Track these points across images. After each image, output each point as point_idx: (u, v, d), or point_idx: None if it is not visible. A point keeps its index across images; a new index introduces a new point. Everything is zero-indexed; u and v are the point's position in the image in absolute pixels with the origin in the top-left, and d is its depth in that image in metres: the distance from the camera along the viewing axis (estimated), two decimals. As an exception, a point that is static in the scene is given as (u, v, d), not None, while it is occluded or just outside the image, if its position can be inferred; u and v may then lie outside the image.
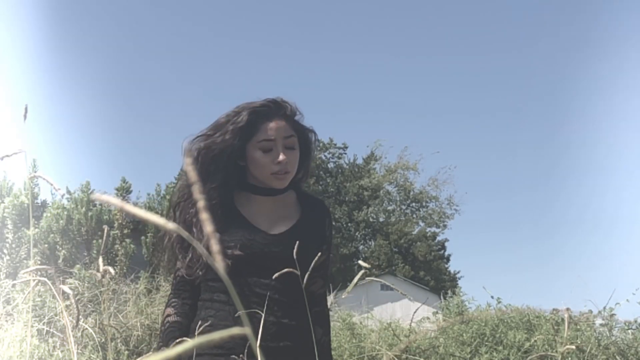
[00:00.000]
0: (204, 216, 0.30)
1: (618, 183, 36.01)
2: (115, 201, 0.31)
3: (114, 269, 5.97)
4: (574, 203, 36.98)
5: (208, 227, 0.29)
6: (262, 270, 1.31)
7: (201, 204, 0.30)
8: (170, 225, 0.30)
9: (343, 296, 1.44)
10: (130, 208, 0.30)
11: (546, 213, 38.68)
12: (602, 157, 35.49)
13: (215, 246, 0.29)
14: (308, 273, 1.23)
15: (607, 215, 33.74)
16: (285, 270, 1.20)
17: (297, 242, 1.28)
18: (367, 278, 1.42)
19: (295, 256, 1.25)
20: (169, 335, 1.36)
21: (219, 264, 0.29)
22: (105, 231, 1.55)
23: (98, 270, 1.14)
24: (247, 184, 1.40)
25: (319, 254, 1.29)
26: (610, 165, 34.37)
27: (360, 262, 1.25)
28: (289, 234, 1.37)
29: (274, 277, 1.18)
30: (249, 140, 1.34)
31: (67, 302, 3.05)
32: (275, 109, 1.36)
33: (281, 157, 1.33)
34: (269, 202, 1.40)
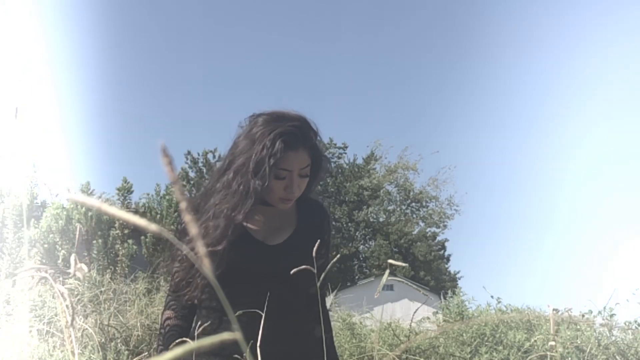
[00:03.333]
0: (188, 218, 0.30)
1: (618, 183, 36.03)
2: (92, 202, 0.31)
3: (116, 269, 5.97)
4: (574, 203, 37.02)
5: (193, 230, 0.29)
6: (258, 281, 1.33)
7: (183, 204, 0.30)
8: (153, 227, 0.30)
9: (375, 296, 1.43)
10: (108, 209, 0.30)
11: (546, 213, 38.70)
12: (602, 158, 35.54)
13: (201, 248, 0.29)
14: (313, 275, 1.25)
15: (607, 215, 33.76)
16: (302, 267, 1.20)
17: (296, 253, 1.32)
18: (372, 278, 1.43)
19: (292, 267, 1.26)
20: (170, 339, 1.37)
21: (206, 267, 0.29)
22: (78, 229, 1.54)
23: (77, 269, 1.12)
24: None
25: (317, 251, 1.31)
26: (611, 165, 34.42)
27: (390, 261, 1.24)
28: (286, 245, 1.39)
29: (292, 271, 1.19)
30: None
31: (67, 303, 3.04)
32: (302, 137, 1.34)
33: (294, 189, 1.34)
34: (268, 210, 1.41)
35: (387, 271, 1.23)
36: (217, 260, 1.30)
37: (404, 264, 1.27)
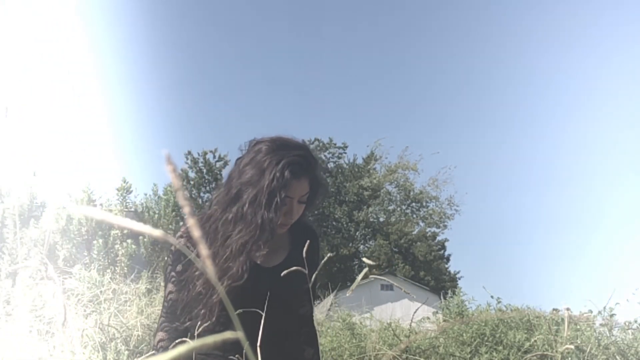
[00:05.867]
0: (191, 222, 0.30)
1: (618, 183, 36.02)
2: (98, 214, 0.31)
3: (116, 269, 5.97)
4: (574, 203, 37.01)
5: (195, 233, 0.29)
6: (256, 302, 1.34)
7: (187, 209, 0.30)
8: (157, 233, 0.30)
9: (347, 294, 1.49)
10: (113, 219, 0.30)
11: (546, 213, 38.70)
12: (602, 159, 35.52)
13: (204, 251, 0.29)
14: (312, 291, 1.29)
15: (607, 216, 33.76)
16: (294, 268, 1.25)
17: (292, 275, 1.37)
18: (370, 277, 1.46)
19: (287, 289, 1.36)
20: None
21: (210, 270, 0.30)
22: (47, 236, 1.56)
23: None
24: None
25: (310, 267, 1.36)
26: (611, 166, 34.41)
27: (364, 259, 1.27)
28: (282, 267, 1.41)
29: (283, 273, 1.23)
30: None
31: (68, 302, 3.04)
32: (306, 166, 1.38)
33: (294, 215, 1.39)
34: None
35: (365, 269, 1.26)
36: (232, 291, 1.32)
37: (373, 263, 1.30)
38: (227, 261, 1.32)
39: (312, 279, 1.44)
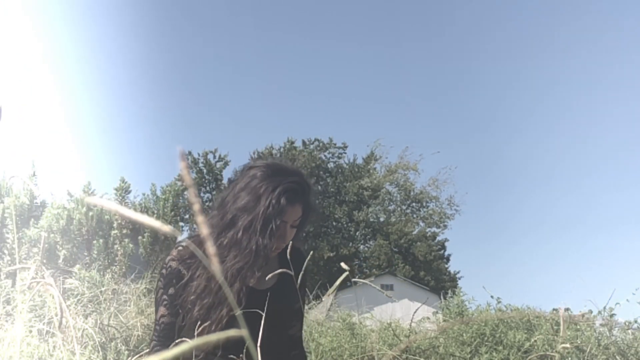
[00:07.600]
0: (200, 219, 0.30)
1: (618, 184, 36.01)
2: (111, 205, 0.31)
3: (116, 269, 5.98)
4: (574, 203, 37.01)
5: (204, 230, 0.29)
6: (250, 324, 1.33)
7: (196, 206, 0.30)
8: (166, 228, 0.30)
9: (323, 299, 1.55)
10: (125, 211, 0.30)
11: (546, 213, 38.70)
12: (603, 159, 35.52)
13: (210, 249, 0.29)
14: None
15: (607, 216, 33.74)
16: (279, 270, 1.30)
17: (284, 296, 1.43)
18: (362, 280, 1.48)
19: (278, 310, 1.41)
20: None
21: (215, 266, 0.30)
22: (40, 241, 1.56)
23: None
24: None
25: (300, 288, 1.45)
26: (611, 166, 34.41)
27: (342, 264, 1.28)
28: (274, 289, 1.46)
29: (268, 277, 1.29)
30: None
31: (68, 302, 3.04)
32: (301, 192, 1.40)
33: (287, 239, 1.42)
34: None
35: (346, 273, 1.27)
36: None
37: (348, 268, 1.32)
38: (222, 287, 1.33)
39: (303, 295, 1.50)
